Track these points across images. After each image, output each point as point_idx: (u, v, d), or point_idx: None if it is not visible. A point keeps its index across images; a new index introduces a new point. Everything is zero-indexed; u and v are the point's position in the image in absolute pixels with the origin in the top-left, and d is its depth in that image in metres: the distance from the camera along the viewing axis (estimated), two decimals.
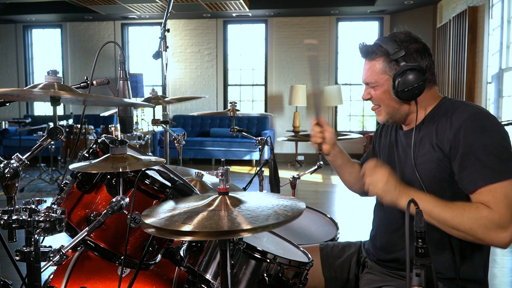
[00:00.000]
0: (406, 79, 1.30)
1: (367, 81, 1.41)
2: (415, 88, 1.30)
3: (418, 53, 1.34)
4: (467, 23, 5.54)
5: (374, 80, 1.38)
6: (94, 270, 1.51)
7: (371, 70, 1.38)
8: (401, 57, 1.32)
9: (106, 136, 1.43)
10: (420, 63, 1.33)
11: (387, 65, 1.35)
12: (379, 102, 1.41)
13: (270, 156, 1.88)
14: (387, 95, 1.37)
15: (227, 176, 1.08)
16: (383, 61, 1.35)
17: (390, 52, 1.33)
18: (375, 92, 1.39)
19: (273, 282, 1.24)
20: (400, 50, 1.32)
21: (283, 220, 0.98)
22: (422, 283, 0.90)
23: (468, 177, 1.23)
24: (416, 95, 1.32)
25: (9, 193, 1.08)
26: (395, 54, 1.32)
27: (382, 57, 1.35)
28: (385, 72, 1.35)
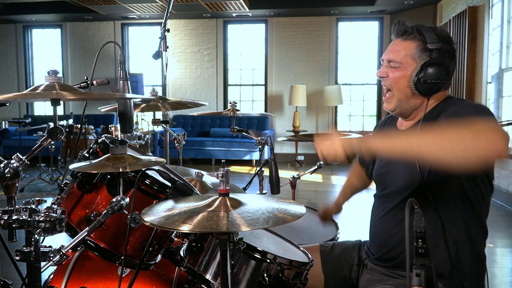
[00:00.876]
0: (433, 72, 1.29)
1: (391, 59, 1.36)
2: (436, 84, 1.30)
3: (449, 54, 1.34)
4: (467, 23, 5.54)
5: (399, 60, 1.34)
6: (94, 270, 1.51)
7: (399, 50, 1.34)
8: (436, 50, 1.30)
9: (106, 136, 1.43)
10: (449, 64, 1.33)
11: (419, 51, 1.32)
12: (392, 84, 1.37)
13: (270, 156, 1.88)
14: (405, 81, 1.34)
15: (228, 177, 1.08)
16: (417, 46, 1.33)
17: (428, 40, 1.31)
18: (393, 73, 1.36)
19: (273, 282, 1.24)
20: (438, 42, 1.31)
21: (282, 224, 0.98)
22: (422, 283, 0.90)
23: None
24: (434, 91, 1.32)
25: (9, 193, 1.08)
26: (433, 44, 1.30)
27: (417, 42, 1.33)
28: (413, 57, 1.33)
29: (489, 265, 3.01)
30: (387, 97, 1.41)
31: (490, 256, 3.24)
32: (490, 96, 5.33)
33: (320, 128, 8.19)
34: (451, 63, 1.34)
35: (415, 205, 0.93)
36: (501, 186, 4.88)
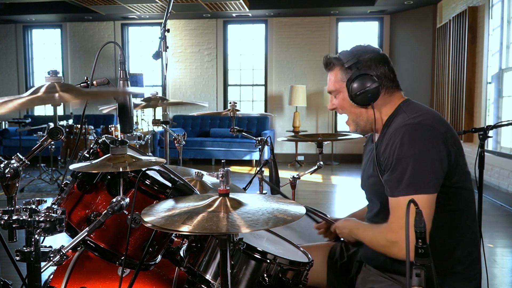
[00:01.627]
0: (359, 84, 1.39)
1: (329, 90, 1.51)
2: (368, 92, 1.39)
3: (372, 61, 1.42)
4: (467, 23, 5.54)
5: (334, 88, 1.48)
6: (94, 270, 1.51)
7: (331, 80, 1.48)
8: (353, 64, 1.41)
9: (107, 136, 1.43)
10: (374, 70, 1.41)
11: (343, 73, 1.44)
12: (342, 109, 1.50)
13: (270, 156, 1.88)
14: (347, 102, 1.46)
15: (228, 177, 1.08)
16: (339, 69, 1.45)
17: (344, 60, 1.43)
18: (337, 100, 1.49)
19: (273, 282, 1.24)
20: (353, 58, 1.41)
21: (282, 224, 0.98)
22: (422, 283, 0.90)
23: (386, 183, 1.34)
24: (370, 99, 1.40)
25: (9, 193, 1.08)
26: (348, 62, 1.42)
27: (338, 66, 1.46)
28: (342, 80, 1.45)
29: (489, 265, 3.01)
30: (347, 122, 1.54)
31: (490, 256, 3.24)
32: (490, 96, 5.33)
33: (320, 128, 8.19)
34: (379, 67, 1.42)
35: (415, 205, 0.93)
36: (501, 186, 4.88)
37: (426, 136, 1.30)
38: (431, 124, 1.32)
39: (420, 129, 1.31)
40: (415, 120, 1.33)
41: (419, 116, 1.35)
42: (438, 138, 1.30)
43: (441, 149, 1.29)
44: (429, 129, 1.31)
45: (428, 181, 1.27)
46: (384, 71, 1.43)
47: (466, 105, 5.65)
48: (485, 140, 2.03)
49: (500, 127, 3.51)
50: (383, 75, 1.42)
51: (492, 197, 5.01)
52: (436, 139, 1.29)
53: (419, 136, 1.30)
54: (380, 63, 1.43)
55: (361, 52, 1.43)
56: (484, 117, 5.38)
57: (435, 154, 1.28)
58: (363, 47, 1.46)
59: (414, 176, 1.27)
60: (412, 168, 1.27)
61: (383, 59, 1.44)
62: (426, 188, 1.26)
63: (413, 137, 1.30)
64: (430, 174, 1.27)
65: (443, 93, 6.55)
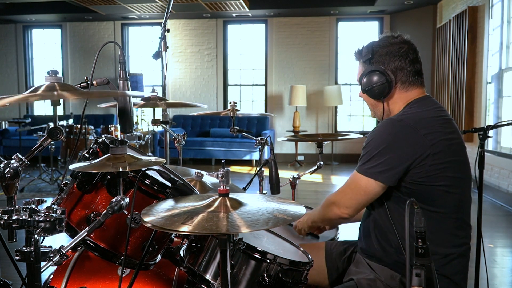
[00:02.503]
0: (367, 79, 1.46)
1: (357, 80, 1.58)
2: (375, 88, 1.45)
3: (387, 56, 1.45)
4: (467, 23, 5.54)
5: (357, 79, 1.55)
6: (94, 270, 1.51)
7: (358, 71, 1.55)
8: (367, 60, 1.47)
9: (106, 136, 1.43)
10: (388, 65, 1.44)
11: (361, 66, 1.52)
12: (363, 98, 1.57)
13: (270, 156, 1.88)
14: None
15: (228, 177, 1.08)
16: (360, 63, 1.54)
17: (362, 56, 1.50)
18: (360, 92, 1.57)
19: (273, 282, 1.24)
20: (368, 53, 1.47)
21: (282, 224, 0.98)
22: (422, 283, 0.90)
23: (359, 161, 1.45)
24: (379, 94, 1.46)
25: (9, 193, 1.08)
26: (364, 57, 1.48)
27: (360, 60, 1.54)
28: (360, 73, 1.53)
29: (489, 265, 3.01)
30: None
31: (490, 256, 3.24)
32: (490, 96, 5.33)
33: (320, 128, 8.19)
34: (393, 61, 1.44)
35: (415, 205, 0.93)
36: (501, 186, 4.88)
37: (399, 132, 1.36)
38: (411, 125, 1.35)
39: (398, 126, 1.37)
40: (398, 118, 1.39)
41: (405, 115, 1.40)
42: (412, 139, 1.34)
43: (409, 150, 1.33)
44: (406, 127, 1.35)
45: (381, 170, 1.35)
46: (400, 65, 1.44)
47: (466, 105, 5.65)
48: (485, 140, 2.03)
49: (500, 127, 3.51)
50: (399, 69, 1.45)
51: (492, 197, 5.01)
52: (408, 139, 1.34)
53: (393, 131, 1.37)
54: (396, 57, 1.44)
55: (379, 47, 1.47)
56: (484, 117, 5.38)
57: (399, 151, 1.34)
58: (385, 41, 1.48)
59: (372, 161, 1.37)
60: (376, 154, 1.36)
61: (402, 53, 1.44)
62: (376, 175, 1.36)
63: (388, 131, 1.38)
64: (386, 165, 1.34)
65: (443, 93, 6.55)
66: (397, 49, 1.44)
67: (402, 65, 1.44)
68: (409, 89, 1.46)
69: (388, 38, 1.48)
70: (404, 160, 1.33)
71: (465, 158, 1.42)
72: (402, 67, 1.44)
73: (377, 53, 1.46)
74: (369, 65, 1.46)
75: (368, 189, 1.39)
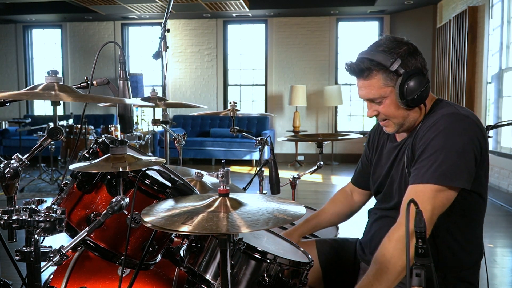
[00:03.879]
0: (413, 86, 1.27)
1: (370, 97, 1.35)
2: (423, 92, 1.29)
3: (410, 55, 1.31)
4: (467, 23, 5.54)
5: (379, 95, 1.33)
6: (94, 270, 1.51)
7: (372, 87, 1.33)
8: (399, 66, 1.28)
9: (106, 136, 1.43)
10: (416, 63, 1.31)
11: (387, 77, 1.30)
12: (386, 115, 1.36)
13: (270, 156, 1.88)
14: (395, 106, 1.33)
15: (228, 177, 1.08)
16: (382, 74, 1.30)
17: (386, 65, 1.29)
18: (382, 107, 1.35)
19: (273, 282, 1.24)
20: (396, 60, 1.28)
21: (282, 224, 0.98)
22: (422, 283, 0.90)
23: (414, 171, 1.26)
24: (425, 98, 1.31)
25: (9, 193, 1.08)
26: (393, 65, 1.28)
27: (380, 72, 1.30)
28: (387, 85, 1.31)
29: (489, 265, 3.01)
30: (384, 123, 1.41)
31: (490, 256, 3.24)
32: (490, 96, 5.33)
33: (320, 128, 8.19)
34: (417, 58, 1.32)
35: (415, 205, 0.93)
36: (501, 186, 4.88)
37: (471, 130, 1.24)
38: (476, 122, 1.27)
39: (468, 122, 1.25)
40: (465, 112, 1.28)
41: (467, 111, 1.30)
42: (480, 138, 1.26)
43: (479, 150, 1.25)
44: (475, 125, 1.26)
45: (464, 174, 1.21)
46: (422, 61, 1.34)
47: (466, 105, 5.65)
48: None
49: (500, 127, 3.51)
50: (424, 67, 1.33)
51: (492, 197, 5.01)
52: (477, 137, 1.25)
53: (466, 128, 1.24)
54: (416, 53, 1.33)
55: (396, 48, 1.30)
56: (484, 117, 5.38)
57: (474, 151, 1.23)
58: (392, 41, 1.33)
59: (452, 167, 1.20)
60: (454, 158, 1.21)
61: (415, 47, 1.34)
62: (459, 181, 1.20)
63: (460, 128, 1.24)
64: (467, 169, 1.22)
65: (443, 93, 6.55)
66: (409, 45, 1.33)
67: (423, 60, 1.33)
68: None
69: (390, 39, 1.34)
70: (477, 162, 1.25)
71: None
72: (424, 61, 1.33)
73: (400, 55, 1.29)
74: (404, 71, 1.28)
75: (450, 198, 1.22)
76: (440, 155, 1.22)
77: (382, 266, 1.22)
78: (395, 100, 1.32)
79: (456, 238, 1.35)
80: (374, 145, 1.60)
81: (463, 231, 1.36)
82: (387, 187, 1.47)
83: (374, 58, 1.30)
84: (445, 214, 1.25)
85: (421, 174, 1.23)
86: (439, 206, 1.21)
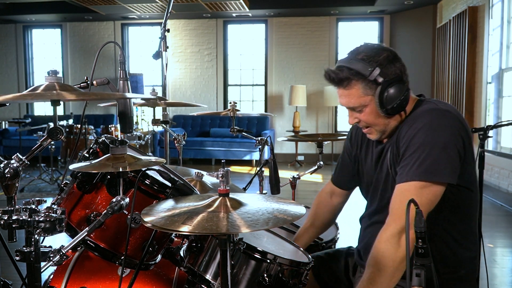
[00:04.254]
0: (392, 95, 1.28)
1: (350, 106, 1.37)
2: (403, 100, 1.29)
3: (390, 63, 1.30)
4: (467, 23, 5.54)
5: (359, 104, 1.34)
6: (94, 270, 1.51)
7: (351, 96, 1.33)
8: (378, 75, 1.27)
9: (106, 136, 1.43)
10: (395, 70, 1.30)
11: (366, 86, 1.30)
12: (368, 123, 1.37)
13: (270, 156, 1.88)
14: (375, 114, 1.33)
15: (228, 177, 1.08)
16: (361, 83, 1.30)
17: (365, 74, 1.28)
18: (363, 115, 1.36)
19: (273, 282, 1.24)
20: (375, 68, 1.27)
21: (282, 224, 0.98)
22: (422, 283, 0.90)
23: (399, 170, 1.26)
24: (405, 105, 1.31)
25: (9, 193, 1.08)
26: (372, 74, 1.27)
27: (359, 81, 1.30)
28: (366, 94, 1.31)
29: (489, 265, 3.01)
30: (366, 131, 1.41)
31: (490, 256, 3.24)
32: (490, 96, 5.33)
33: (320, 128, 8.19)
34: (396, 64, 1.30)
35: (415, 205, 0.93)
36: (501, 186, 4.88)
37: (452, 125, 1.24)
38: (458, 117, 1.27)
39: (449, 117, 1.25)
40: (444, 107, 1.28)
41: (447, 106, 1.30)
42: (462, 132, 1.25)
43: (461, 144, 1.25)
44: (456, 120, 1.26)
45: (448, 169, 1.21)
46: (402, 67, 1.32)
47: (466, 105, 5.65)
48: (485, 140, 2.04)
49: (500, 127, 3.51)
50: (403, 73, 1.32)
51: (492, 197, 5.01)
52: (460, 131, 1.25)
53: (446, 124, 1.24)
54: (395, 59, 1.31)
55: (374, 56, 1.29)
56: (484, 117, 5.38)
57: (457, 145, 1.23)
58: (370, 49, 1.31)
59: (435, 163, 1.21)
60: (436, 154, 1.21)
61: (393, 53, 1.32)
62: (443, 176, 1.21)
63: (441, 123, 1.24)
64: (450, 163, 1.22)
65: (443, 93, 6.55)
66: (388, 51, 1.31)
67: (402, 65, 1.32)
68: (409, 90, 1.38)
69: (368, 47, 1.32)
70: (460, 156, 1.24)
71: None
72: (402, 67, 1.32)
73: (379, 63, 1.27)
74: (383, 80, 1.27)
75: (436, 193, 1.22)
76: (423, 152, 1.22)
77: (375, 269, 1.22)
78: (375, 109, 1.32)
79: (452, 235, 1.35)
80: (358, 141, 1.57)
81: (457, 227, 1.35)
82: (374, 189, 1.47)
83: (353, 67, 1.30)
84: (437, 211, 1.25)
85: (405, 172, 1.24)
86: (426, 203, 1.20)
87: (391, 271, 1.21)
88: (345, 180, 1.66)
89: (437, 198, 1.23)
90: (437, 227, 1.31)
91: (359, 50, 1.32)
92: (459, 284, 1.37)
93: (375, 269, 1.22)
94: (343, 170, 1.67)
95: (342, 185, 1.69)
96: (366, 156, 1.52)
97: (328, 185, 1.76)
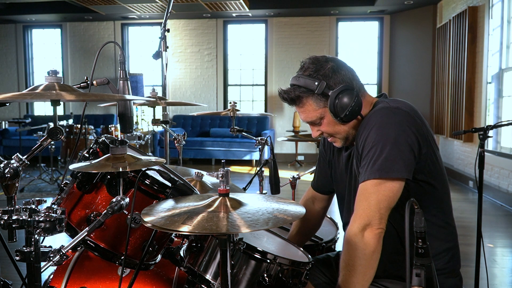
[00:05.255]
0: (343, 103, 1.31)
1: (309, 120, 1.41)
2: (355, 106, 1.31)
3: (334, 72, 1.34)
4: (467, 23, 5.54)
5: (316, 117, 1.39)
6: (94, 270, 1.51)
7: (307, 111, 1.39)
8: (325, 87, 1.32)
9: (106, 136, 1.43)
10: (342, 78, 1.33)
11: (317, 100, 1.35)
12: (329, 133, 1.42)
13: (270, 156, 1.88)
14: (333, 124, 1.38)
15: (228, 177, 1.08)
16: (311, 99, 1.36)
17: (313, 89, 1.32)
18: (323, 127, 1.41)
19: (273, 282, 1.24)
20: (321, 82, 1.32)
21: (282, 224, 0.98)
22: (422, 283, 0.90)
23: (360, 171, 1.30)
24: (358, 110, 1.33)
25: (9, 193, 1.08)
26: (319, 89, 1.32)
27: (309, 97, 1.35)
28: (320, 106, 1.36)
29: (489, 265, 3.01)
30: (331, 140, 1.45)
31: (490, 256, 3.24)
32: (490, 96, 5.33)
33: None
34: (341, 72, 1.34)
35: (415, 205, 0.93)
36: (501, 186, 4.88)
37: (402, 121, 1.27)
38: (409, 112, 1.29)
39: (398, 114, 1.28)
40: (394, 105, 1.31)
41: (398, 103, 1.33)
42: (413, 127, 1.27)
43: (413, 138, 1.26)
44: (406, 115, 1.28)
45: (399, 165, 1.23)
46: (348, 74, 1.36)
47: (466, 105, 5.65)
48: (485, 140, 2.03)
49: (500, 127, 3.51)
50: (352, 79, 1.36)
51: (492, 197, 5.01)
52: (410, 127, 1.26)
53: (396, 120, 1.27)
54: (339, 68, 1.35)
55: (318, 70, 1.33)
56: (484, 117, 5.38)
57: (407, 140, 1.25)
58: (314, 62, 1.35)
59: (387, 159, 1.23)
60: (387, 151, 1.24)
61: (336, 61, 1.36)
62: (396, 172, 1.23)
63: (390, 121, 1.27)
64: (402, 159, 1.24)
65: (443, 93, 6.55)
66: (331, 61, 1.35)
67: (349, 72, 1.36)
68: (365, 93, 1.41)
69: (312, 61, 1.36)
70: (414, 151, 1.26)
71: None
72: (350, 74, 1.36)
73: (324, 76, 1.32)
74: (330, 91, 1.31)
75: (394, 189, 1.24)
76: (376, 150, 1.25)
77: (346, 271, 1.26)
78: (331, 119, 1.36)
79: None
80: (330, 147, 1.60)
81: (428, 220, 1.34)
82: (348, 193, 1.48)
83: (301, 84, 1.35)
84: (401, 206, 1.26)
85: (363, 172, 1.28)
86: (384, 200, 1.23)
87: (361, 270, 1.24)
88: (325, 184, 1.67)
89: (395, 194, 1.25)
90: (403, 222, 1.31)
91: (305, 66, 1.37)
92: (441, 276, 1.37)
93: (346, 270, 1.26)
94: (321, 175, 1.68)
95: (322, 190, 1.70)
96: (338, 162, 1.55)
97: (308, 191, 1.76)
